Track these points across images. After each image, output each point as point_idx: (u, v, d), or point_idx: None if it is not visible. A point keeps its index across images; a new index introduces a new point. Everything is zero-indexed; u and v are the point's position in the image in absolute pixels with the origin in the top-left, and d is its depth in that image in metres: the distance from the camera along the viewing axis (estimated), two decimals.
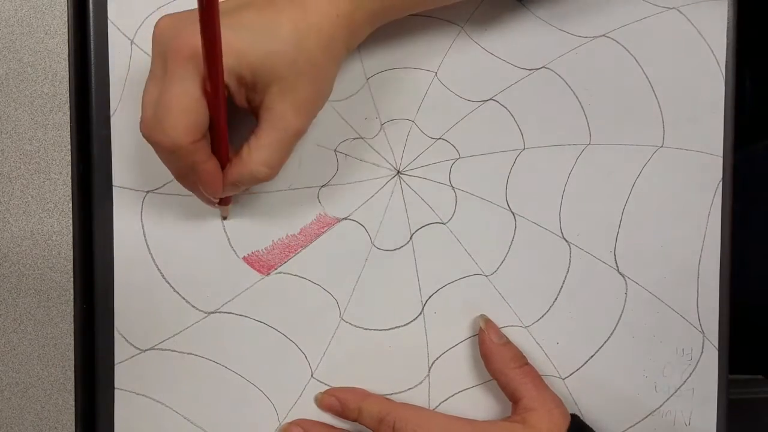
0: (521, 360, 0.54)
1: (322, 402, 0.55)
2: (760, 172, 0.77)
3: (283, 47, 0.44)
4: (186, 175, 0.48)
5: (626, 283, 0.57)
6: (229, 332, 0.54)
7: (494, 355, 0.54)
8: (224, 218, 0.54)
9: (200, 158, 0.45)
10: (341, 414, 0.54)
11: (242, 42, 0.43)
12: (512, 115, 0.56)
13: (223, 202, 0.52)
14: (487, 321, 0.55)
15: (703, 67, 0.58)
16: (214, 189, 0.47)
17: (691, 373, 0.57)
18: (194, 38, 0.42)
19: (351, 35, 0.48)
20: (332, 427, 0.55)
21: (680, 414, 0.57)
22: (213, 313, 0.54)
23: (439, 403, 0.56)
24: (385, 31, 0.54)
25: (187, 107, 0.43)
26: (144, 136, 0.45)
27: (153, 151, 0.52)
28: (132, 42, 0.53)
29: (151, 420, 0.53)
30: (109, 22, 0.52)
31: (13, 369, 0.52)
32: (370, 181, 0.55)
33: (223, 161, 0.47)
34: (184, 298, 0.54)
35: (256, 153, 0.46)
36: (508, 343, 0.55)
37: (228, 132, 0.47)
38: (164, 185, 0.53)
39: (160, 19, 0.45)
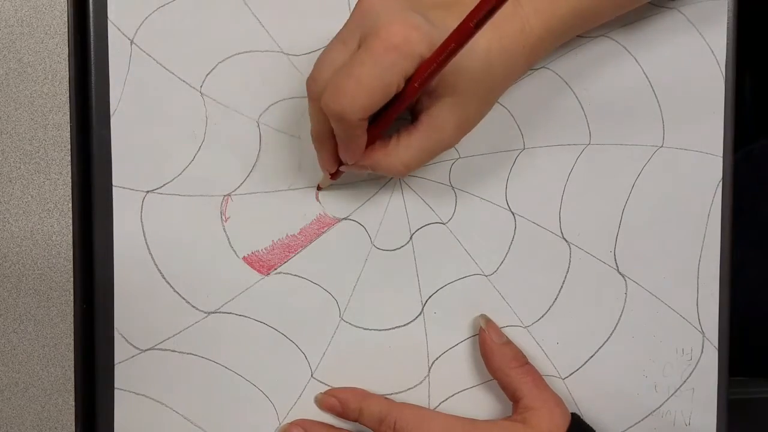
0: (522, 359, 0.54)
1: (322, 402, 0.55)
2: (760, 172, 0.77)
3: (474, 65, 0.45)
4: (324, 135, 0.48)
5: (626, 283, 0.57)
6: (229, 332, 0.54)
7: (495, 355, 0.54)
8: (319, 189, 0.54)
9: (357, 133, 0.45)
10: (342, 414, 0.54)
11: None
12: (512, 115, 0.56)
13: (334, 175, 0.52)
14: (488, 320, 0.55)
15: (703, 67, 0.58)
16: (353, 158, 0.48)
17: (691, 373, 0.57)
18: (406, 30, 0.42)
19: (533, 54, 0.48)
20: (333, 427, 0.55)
21: (680, 414, 0.57)
22: (213, 313, 0.54)
23: (439, 403, 0.56)
24: None
25: (373, 90, 0.43)
26: (309, 92, 0.46)
27: (153, 151, 0.53)
28: (132, 42, 0.53)
29: (151, 420, 0.53)
30: (109, 22, 0.52)
31: (13, 369, 0.52)
32: (370, 181, 0.55)
33: (372, 141, 0.48)
34: (183, 298, 0.54)
35: (403, 151, 0.47)
36: (508, 342, 0.55)
37: None
38: (164, 185, 0.53)
39: None
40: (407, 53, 0.42)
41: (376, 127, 0.47)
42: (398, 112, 0.46)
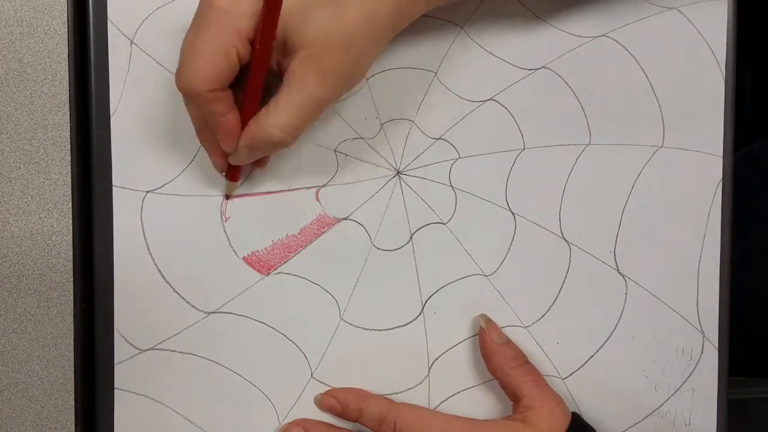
0: (522, 359, 0.54)
1: (322, 403, 0.55)
2: (760, 172, 0.77)
3: (320, 13, 0.44)
4: (204, 129, 0.49)
5: (626, 283, 0.57)
6: (229, 332, 0.54)
7: (495, 354, 0.54)
8: (227, 197, 0.54)
9: (219, 110, 0.45)
10: (341, 415, 0.54)
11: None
12: (512, 115, 0.56)
13: (232, 177, 0.52)
14: (488, 320, 0.55)
15: (703, 67, 0.58)
16: (228, 141, 0.47)
17: (691, 374, 0.57)
18: None
19: (400, 12, 0.47)
20: (333, 426, 0.55)
21: (680, 414, 0.57)
22: (213, 313, 0.54)
23: (439, 403, 0.56)
24: None
25: (211, 56, 0.43)
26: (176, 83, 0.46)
27: (153, 151, 0.53)
28: (132, 42, 0.53)
29: (150, 420, 0.53)
30: (108, 22, 0.52)
31: (13, 369, 0.52)
32: (370, 181, 0.55)
33: (246, 120, 0.48)
34: (183, 299, 0.54)
35: (272, 115, 0.46)
36: (508, 342, 0.55)
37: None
38: (164, 185, 0.53)
39: None
40: (234, 13, 0.43)
41: (246, 105, 0.47)
42: (258, 81, 0.46)
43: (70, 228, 0.52)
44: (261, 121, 0.46)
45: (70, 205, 0.52)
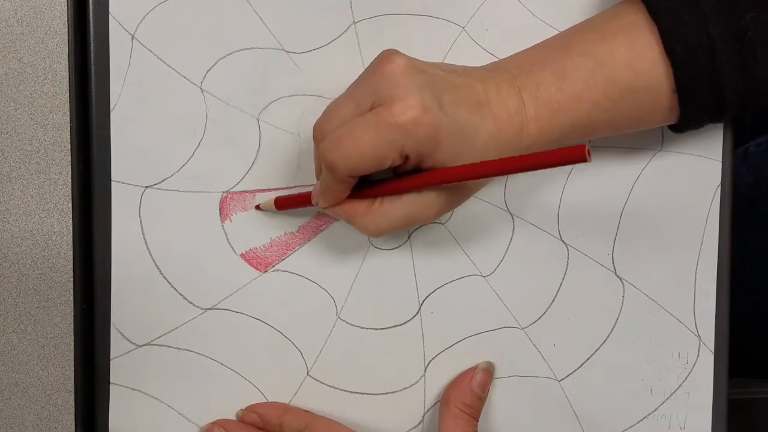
0: (474, 416, 0.54)
1: (243, 418, 0.55)
2: (758, 171, 0.75)
3: (471, 158, 0.46)
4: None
5: (623, 286, 0.57)
6: (226, 329, 0.55)
7: (459, 390, 0.54)
8: (257, 208, 0.55)
9: (341, 187, 0.47)
10: (263, 429, 0.54)
11: (445, 137, 0.45)
12: None
13: (282, 206, 0.54)
14: (488, 370, 0.55)
15: None
16: (324, 204, 0.49)
17: (686, 377, 0.57)
18: (417, 112, 0.43)
19: (519, 137, 0.48)
20: (256, 429, 0.55)
21: (675, 418, 0.57)
22: (210, 309, 0.54)
23: (435, 403, 0.56)
24: (385, 31, 0.54)
25: (367, 156, 0.44)
26: (314, 137, 0.48)
27: (152, 147, 0.53)
28: (133, 37, 0.53)
29: (145, 415, 0.54)
30: (110, 16, 0.52)
31: (13, 369, 0.53)
32: None
33: (353, 196, 0.49)
34: (181, 294, 0.54)
35: (381, 216, 0.48)
36: (481, 397, 0.54)
37: None
38: (163, 181, 0.54)
39: (396, 56, 0.46)
40: (410, 133, 0.44)
41: (361, 191, 0.48)
42: (390, 192, 0.48)
43: (70, 228, 0.53)
44: (370, 213, 0.48)
45: (70, 205, 0.53)
